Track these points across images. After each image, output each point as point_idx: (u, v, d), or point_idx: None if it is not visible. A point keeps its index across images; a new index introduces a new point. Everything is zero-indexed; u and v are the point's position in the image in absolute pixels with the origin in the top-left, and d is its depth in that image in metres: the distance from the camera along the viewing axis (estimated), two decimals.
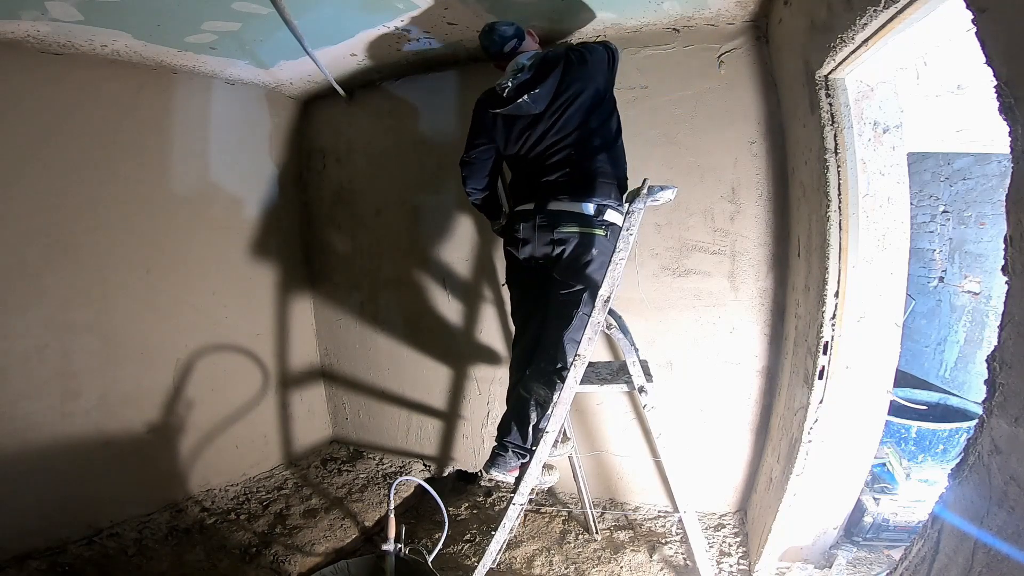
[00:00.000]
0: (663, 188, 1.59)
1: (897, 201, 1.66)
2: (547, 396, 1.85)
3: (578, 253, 1.78)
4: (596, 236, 1.78)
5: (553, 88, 1.81)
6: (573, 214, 1.79)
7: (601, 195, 1.80)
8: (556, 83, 1.81)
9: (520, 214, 1.90)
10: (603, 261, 1.76)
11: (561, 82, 1.81)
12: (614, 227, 1.81)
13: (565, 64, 1.81)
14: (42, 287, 2.14)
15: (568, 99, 1.81)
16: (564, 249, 1.79)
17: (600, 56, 1.84)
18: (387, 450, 3.10)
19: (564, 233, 1.78)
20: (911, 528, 2.00)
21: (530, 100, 1.81)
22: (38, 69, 2.08)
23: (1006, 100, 0.84)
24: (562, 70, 1.81)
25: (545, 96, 1.82)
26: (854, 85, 1.62)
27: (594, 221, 1.78)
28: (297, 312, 3.12)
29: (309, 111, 3.11)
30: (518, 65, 1.88)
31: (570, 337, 1.83)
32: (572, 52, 1.84)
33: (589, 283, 1.79)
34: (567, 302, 1.83)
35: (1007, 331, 0.89)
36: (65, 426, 2.19)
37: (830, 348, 1.69)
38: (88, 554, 2.11)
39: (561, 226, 1.79)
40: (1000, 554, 0.87)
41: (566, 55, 1.83)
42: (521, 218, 1.89)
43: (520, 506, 1.84)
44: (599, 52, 1.84)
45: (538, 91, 1.80)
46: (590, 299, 1.78)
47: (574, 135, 1.82)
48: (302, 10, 1.96)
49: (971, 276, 3.43)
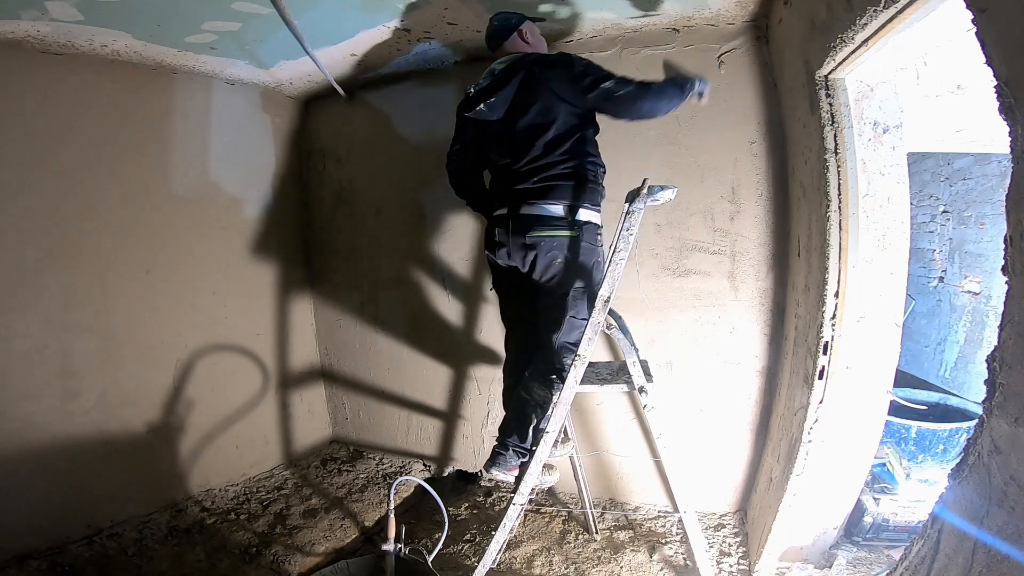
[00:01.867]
0: (663, 188, 1.59)
1: (897, 201, 1.66)
2: (546, 397, 1.85)
3: (551, 257, 1.77)
4: (566, 238, 1.76)
5: (509, 97, 1.81)
6: (542, 218, 1.77)
7: (570, 196, 1.77)
8: (513, 92, 1.80)
9: (496, 219, 1.90)
10: (578, 263, 1.76)
11: (519, 91, 1.79)
12: (588, 226, 1.78)
13: (526, 74, 1.78)
14: (42, 287, 2.14)
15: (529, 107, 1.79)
16: (536, 254, 1.78)
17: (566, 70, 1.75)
18: (387, 450, 3.10)
19: (535, 237, 1.77)
20: (911, 528, 2.00)
21: (486, 108, 1.83)
22: (38, 69, 2.08)
23: (1006, 100, 0.84)
24: (520, 80, 1.79)
25: (501, 104, 1.82)
26: (854, 85, 1.62)
27: (563, 223, 1.75)
28: (297, 312, 3.12)
29: (309, 111, 3.11)
30: (489, 69, 1.89)
31: (563, 340, 1.83)
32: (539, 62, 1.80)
33: (569, 285, 1.78)
34: (552, 306, 1.83)
35: (1007, 331, 0.89)
36: (65, 426, 2.19)
37: (830, 348, 1.69)
38: (88, 554, 2.11)
39: (532, 230, 1.77)
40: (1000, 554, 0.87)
41: (531, 65, 1.79)
42: (497, 223, 1.89)
43: (520, 506, 1.84)
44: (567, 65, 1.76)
45: (493, 99, 1.81)
46: (574, 301, 1.78)
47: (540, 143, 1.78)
48: (302, 10, 1.96)
49: (971, 276, 3.43)
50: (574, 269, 1.77)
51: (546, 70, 1.77)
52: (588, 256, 1.77)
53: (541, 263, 1.78)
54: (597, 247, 1.81)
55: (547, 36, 2.27)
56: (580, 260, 1.76)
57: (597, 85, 1.67)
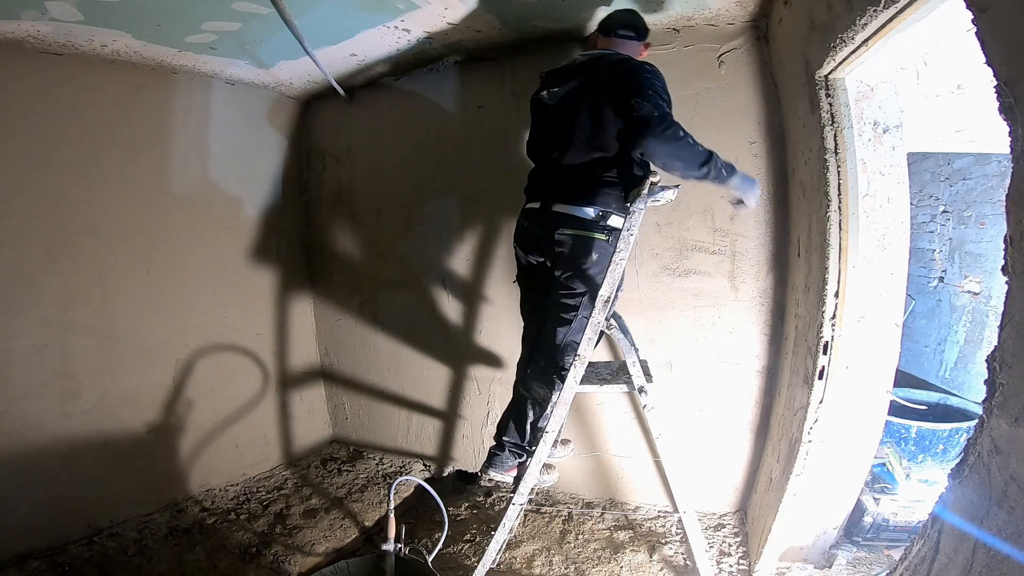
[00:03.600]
0: (664, 188, 1.59)
1: (897, 201, 1.65)
2: (545, 395, 1.85)
3: (577, 255, 1.77)
4: (596, 240, 1.76)
5: (568, 90, 1.82)
6: (575, 218, 1.77)
7: (604, 203, 1.77)
8: (577, 86, 1.81)
9: (527, 212, 1.91)
10: (604, 265, 1.75)
11: (583, 88, 1.80)
12: (617, 232, 1.78)
13: (598, 73, 1.79)
14: (42, 287, 2.14)
15: (581, 106, 1.79)
16: (563, 251, 1.79)
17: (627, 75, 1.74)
18: (387, 450, 3.10)
19: (564, 235, 1.77)
20: (911, 528, 2.00)
21: (548, 97, 1.87)
22: (38, 69, 2.08)
23: (1006, 100, 0.84)
24: (590, 77, 1.80)
25: (559, 96, 1.84)
26: (854, 85, 1.62)
27: (595, 225, 1.76)
28: (297, 312, 3.12)
29: (309, 111, 3.11)
30: (572, 58, 1.94)
31: (569, 339, 1.82)
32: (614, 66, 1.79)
33: (590, 285, 1.78)
34: (566, 305, 1.82)
35: (1007, 331, 0.89)
36: (65, 426, 2.19)
37: (830, 348, 1.68)
38: (88, 554, 2.11)
39: (562, 228, 1.78)
40: (1000, 554, 0.87)
41: (608, 66, 1.79)
42: (527, 216, 1.90)
43: (520, 506, 1.84)
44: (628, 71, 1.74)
45: (556, 89, 1.85)
46: (589, 302, 1.78)
47: (587, 145, 1.78)
48: (302, 10, 1.96)
49: (971, 276, 3.43)
50: (596, 271, 1.77)
51: (615, 74, 1.75)
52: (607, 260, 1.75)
53: (565, 261, 1.79)
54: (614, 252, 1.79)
55: (549, 36, 2.27)
56: (603, 263, 1.75)
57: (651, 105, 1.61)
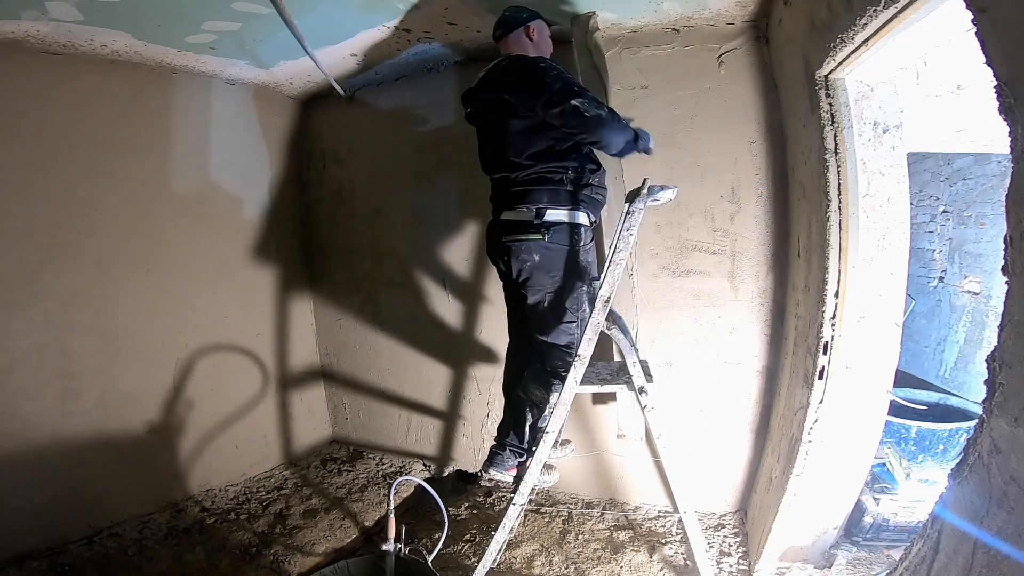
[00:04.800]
0: (663, 188, 1.59)
1: (897, 201, 1.65)
2: (543, 398, 1.87)
3: (524, 259, 1.78)
4: (533, 242, 1.75)
5: (476, 108, 1.84)
6: (515, 222, 1.79)
7: (535, 199, 1.76)
8: (479, 105, 1.82)
9: (488, 224, 1.94)
10: (547, 266, 1.76)
11: (489, 99, 1.80)
12: (558, 227, 1.76)
13: (496, 82, 1.78)
14: (42, 287, 2.14)
15: (489, 121, 1.81)
16: (510, 258, 1.80)
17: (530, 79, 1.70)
18: (387, 450, 3.10)
19: (508, 241, 1.79)
20: (911, 528, 2.00)
21: (468, 117, 1.88)
22: (38, 69, 2.08)
23: (1006, 100, 0.84)
24: (492, 87, 1.78)
25: (474, 115, 1.85)
26: (854, 85, 1.62)
27: (530, 226, 1.75)
28: (297, 312, 3.12)
29: (309, 111, 3.11)
30: (483, 70, 1.88)
31: (551, 342, 1.84)
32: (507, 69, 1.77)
33: (544, 284, 1.79)
34: (535, 308, 1.83)
35: (1007, 331, 0.89)
36: (65, 426, 2.19)
37: (830, 348, 1.68)
38: (88, 554, 2.11)
39: (507, 235, 1.80)
40: (1000, 554, 0.87)
41: (503, 71, 1.77)
42: (488, 228, 1.93)
43: (520, 506, 1.84)
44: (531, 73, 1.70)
45: (469, 110, 1.86)
46: (555, 304, 1.79)
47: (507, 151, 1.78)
48: (302, 10, 1.96)
49: (971, 276, 3.43)
50: (545, 271, 1.77)
51: (509, 76, 1.75)
52: (557, 257, 1.77)
53: (515, 266, 1.79)
54: (571, 247, 1.78)
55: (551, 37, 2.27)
56: (551, 262, 1.76)
57: (567, 100, 1.61)
